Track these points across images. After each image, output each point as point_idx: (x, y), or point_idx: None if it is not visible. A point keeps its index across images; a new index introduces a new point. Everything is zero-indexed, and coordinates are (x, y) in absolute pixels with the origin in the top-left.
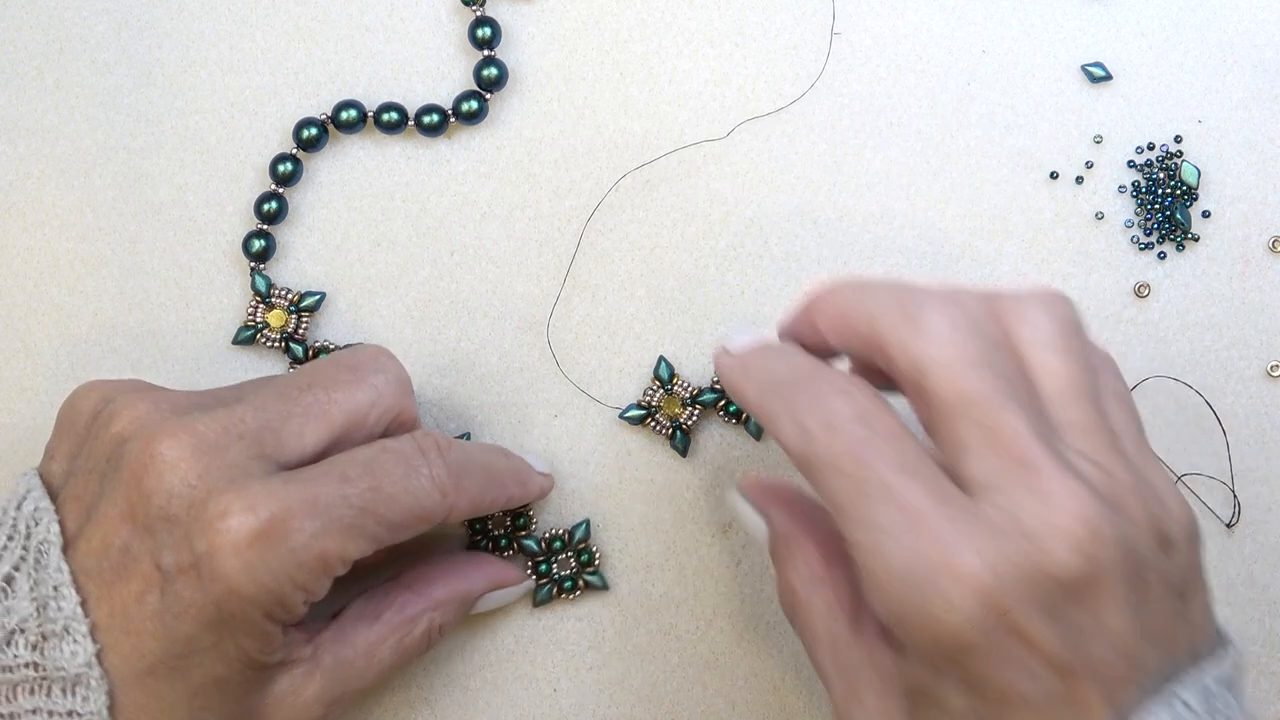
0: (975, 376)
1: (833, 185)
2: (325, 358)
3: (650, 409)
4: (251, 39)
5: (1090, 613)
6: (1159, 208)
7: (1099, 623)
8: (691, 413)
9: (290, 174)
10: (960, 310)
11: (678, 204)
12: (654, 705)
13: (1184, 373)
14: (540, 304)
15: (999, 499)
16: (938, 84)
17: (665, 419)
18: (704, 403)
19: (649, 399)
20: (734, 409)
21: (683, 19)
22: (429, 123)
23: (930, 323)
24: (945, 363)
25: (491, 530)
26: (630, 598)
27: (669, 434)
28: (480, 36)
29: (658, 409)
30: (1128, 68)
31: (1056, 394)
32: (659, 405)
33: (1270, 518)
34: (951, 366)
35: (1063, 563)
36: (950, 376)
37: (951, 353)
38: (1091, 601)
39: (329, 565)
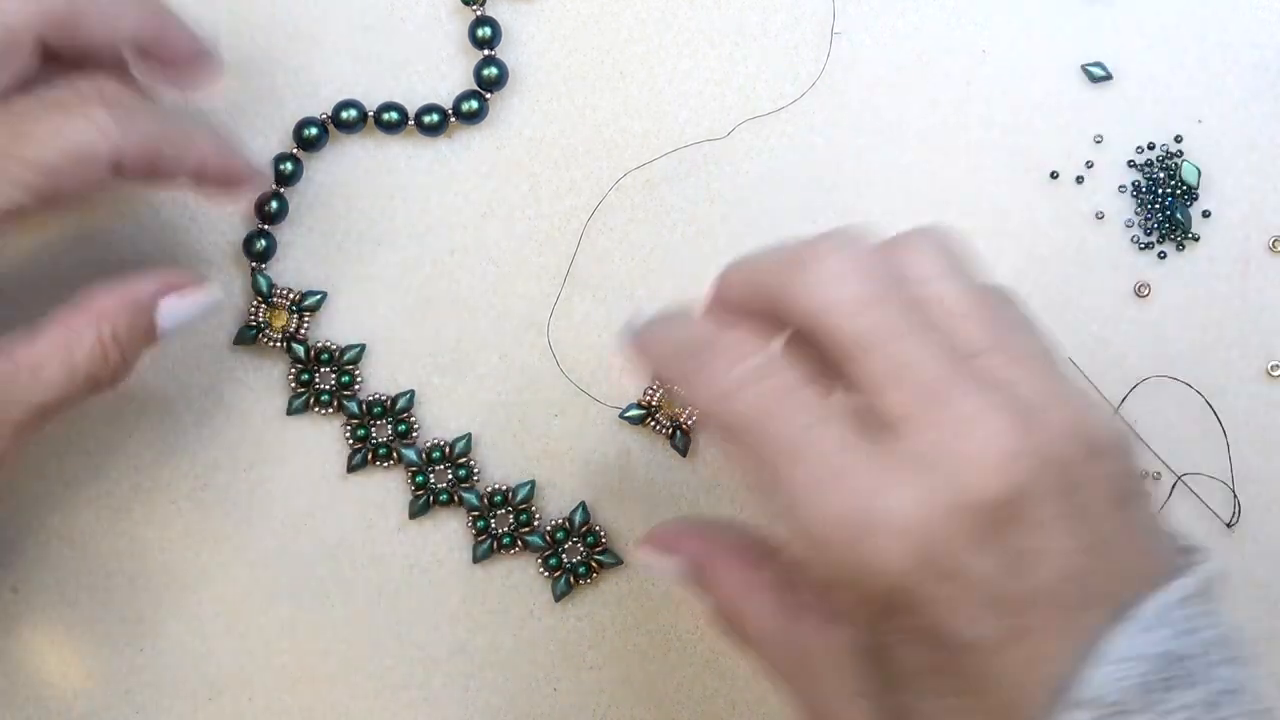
0: (872, 312)
1: (833, 185)
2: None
3: (650, 409)
4: (251, 39)
5: (1026, 537)
6: (1159, 207)
7: (1037, 546)
8: (692, 412)
9: (291, 174)
10: (849, 251)
11: (678, 204)
12: (654, 705)
13: (1184, 373)
14: (540, 304)
15: (913, 433)
16: (938, 84)
17: (665, 419)
18: None
19: (649, 399)
20: None
21: (683, 19)
22: (429, 122)
23: (821, 267)
24: (841, 303)
25: (495, 529)
26: (630, 598)
27: (669, 434)
28: (480, 36)
29: (658, 409)
30: (1128, 68)
31: (957, 319)
32: (659, 405)
33: (1270, 518)
34: (847, 305)
35: (986, 488)
36: (848, 315)
37: (845, 292)
38: (1024, 524)
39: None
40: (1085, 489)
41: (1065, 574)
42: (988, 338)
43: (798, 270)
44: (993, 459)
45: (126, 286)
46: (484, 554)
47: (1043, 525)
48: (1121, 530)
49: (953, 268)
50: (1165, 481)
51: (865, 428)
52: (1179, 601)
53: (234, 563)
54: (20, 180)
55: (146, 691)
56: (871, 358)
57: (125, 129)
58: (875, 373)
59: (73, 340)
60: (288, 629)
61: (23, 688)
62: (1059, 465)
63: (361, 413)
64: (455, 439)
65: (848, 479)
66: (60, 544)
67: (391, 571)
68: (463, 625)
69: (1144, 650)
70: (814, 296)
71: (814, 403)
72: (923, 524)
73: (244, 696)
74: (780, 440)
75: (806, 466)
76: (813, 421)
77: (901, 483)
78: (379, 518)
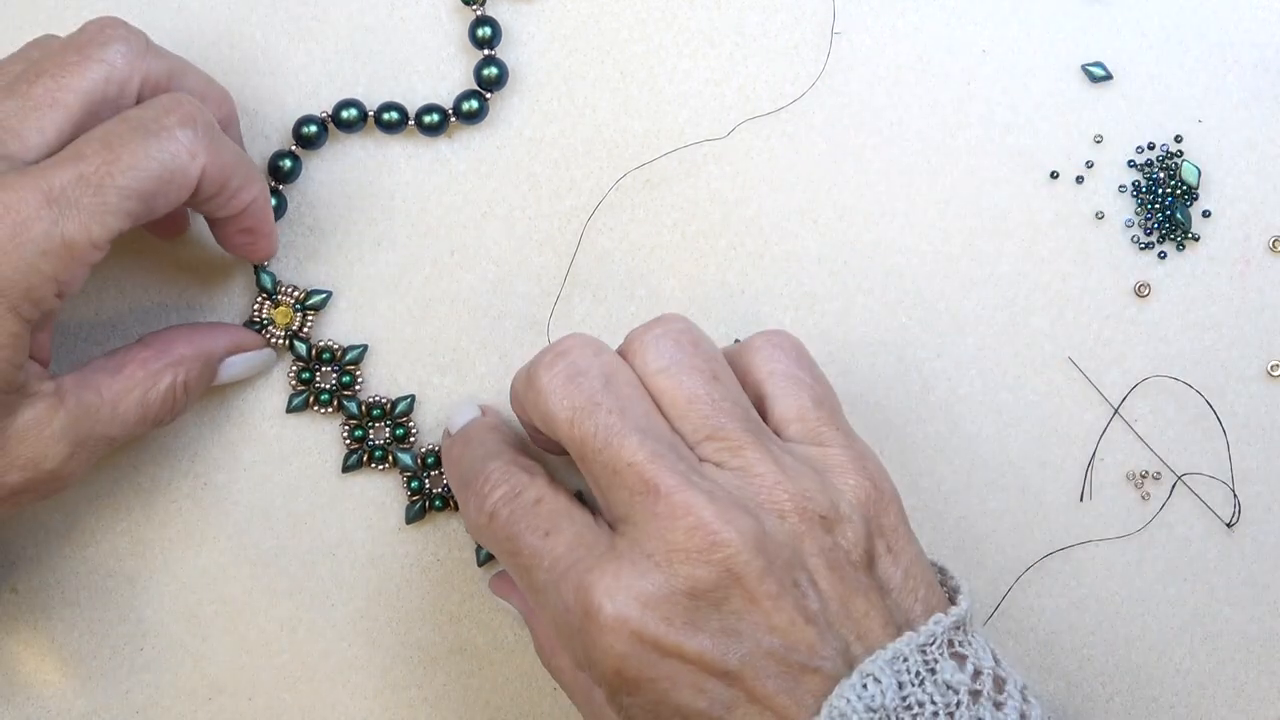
0: (586, 421)
1: (833, 185)
2: (50, 39)
3: None
4: (251, 39)
5: (739, 615)
6: (1159, 207)
7: (753, 623)
8: None
9: (289, 171)
10: (565, 362)
11: (678, 204)
12: None
13: (1184, 373)
14: (540, 304)
15: (631, 530)
16: (938, 84)
17: None
18: None
19: None
20: None
21: (683, 19)
22: (429, 122)
23: (542, 381)
24: (559, 413)
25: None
26: None
27: None
28: (480, 36)
29: None
30: (1128, 68)
31: (682, 410)
32: None
33: (1270, 518)
34: (562, 415)
35: (688, 576)
36: (565, 424)
37: (562, 402)
38: (736, 605)
39: (77, 251)
40: (808, 562)
41: (783, 645)
42: (708, 426)
43: (528, 388)
44: (695, 549)
45: (204, 338)
46: (487, 556)
47: (754, 603)
48: (858, 592)
49: (676, 360)
50: (1165, 481)
51: (604, 531)
52: (913, 650)
53: (234, 563)
54: (121, 209)
55: (146, 691)
56: (591, 462)
57: (210, 150)
58: (597, 476)
59: (150, 383)
60: (288, 629)
61: (23, 688)
62: (768, 546)
63: (360, 414)
64: None
65: (571, 575)
66: (60, 544)
67: (391, 571)
68: (463, 625)
69: (864, 704)
70: (541, 410)
71: (553, 514)
72: (631, 613)
73: (244, 696)
74: (524, 552)
75: (541, 570)
76: (550, 529)
77: (615, 575)
78: (379, 518)
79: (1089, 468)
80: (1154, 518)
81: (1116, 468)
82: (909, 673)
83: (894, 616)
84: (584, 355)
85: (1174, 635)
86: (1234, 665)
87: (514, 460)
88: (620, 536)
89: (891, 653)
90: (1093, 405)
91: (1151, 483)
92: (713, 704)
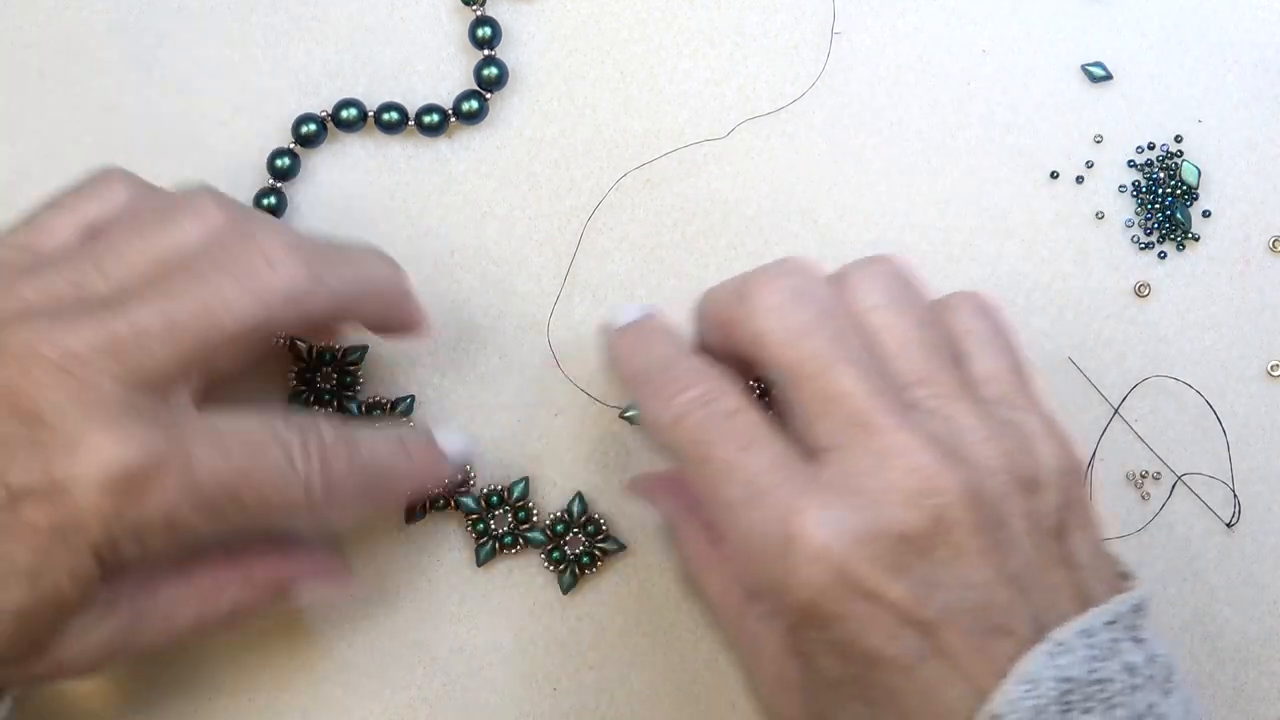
0: (805, 343)
1: (833, 185)
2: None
3: None
4: (251, 39)
5: (944, 566)
6: (1159, 207)
7: (956, 575)
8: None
9: (288, 169)
10: (788, 283)
11: (678, 204)
12: (654, 705)
13: (1184, 373)
14: (540, 304)
15: (839, 461)
16: (938, 84)
17: None
18: None
19: None
20: None
21: (683, 19)
22: (429, 122)
23: (760, 299)
24: (773, 333)
25: (495, 530)
26: (630, 597)
27: None
28: (480, 36)
29: None
30: (1128, 68)
31: (894, 351)
32: None
33: (1270, 518)
34: (779, 335)
35: (901, 519)
36: (780, 345)
37: (781, 323)
38: (943, 555)
39: (175, 533)
40: (1011, 523)
41: (981, 602)
42: (924, 370)
43: (741, 302)
44: (912, 492)
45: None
46: (487, 556)
47: (960, 556)
48: (1051, 561)
49: (898, 298)
50: (1165, 481)
51: (799, 454)
52: (1102, 626)
53: None
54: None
55: (146, 691)
56: (802, 387)
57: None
58: (806, 402)
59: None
60: (288, 629)
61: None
62: (981, 500)
63: (360, 414)
64: None
65: (772, 498)
66: None
67: (391, 571)
68: (462, 625)
69: (1054, 673)
70: (754, 327)
71: (751, 427)
72: (839, 547)
73: (244, 697)
74: (716, 461)
75: (737, 485)
76: (748, 444)
77: (823, 506)
78: (379, 518)
79: (1089, 467)
80: (1154, 518)
81: (1116, 467)
82: (1097, 648)
83: (1081, 591)
84: (805, 278)
85: (1174, 635)
86: (1234, 665)
87: (708, 363)
88: (825, 466)
89: (1082, 625)
90: (1093, 405)
91: (1151, 483)
92: (903, 652)
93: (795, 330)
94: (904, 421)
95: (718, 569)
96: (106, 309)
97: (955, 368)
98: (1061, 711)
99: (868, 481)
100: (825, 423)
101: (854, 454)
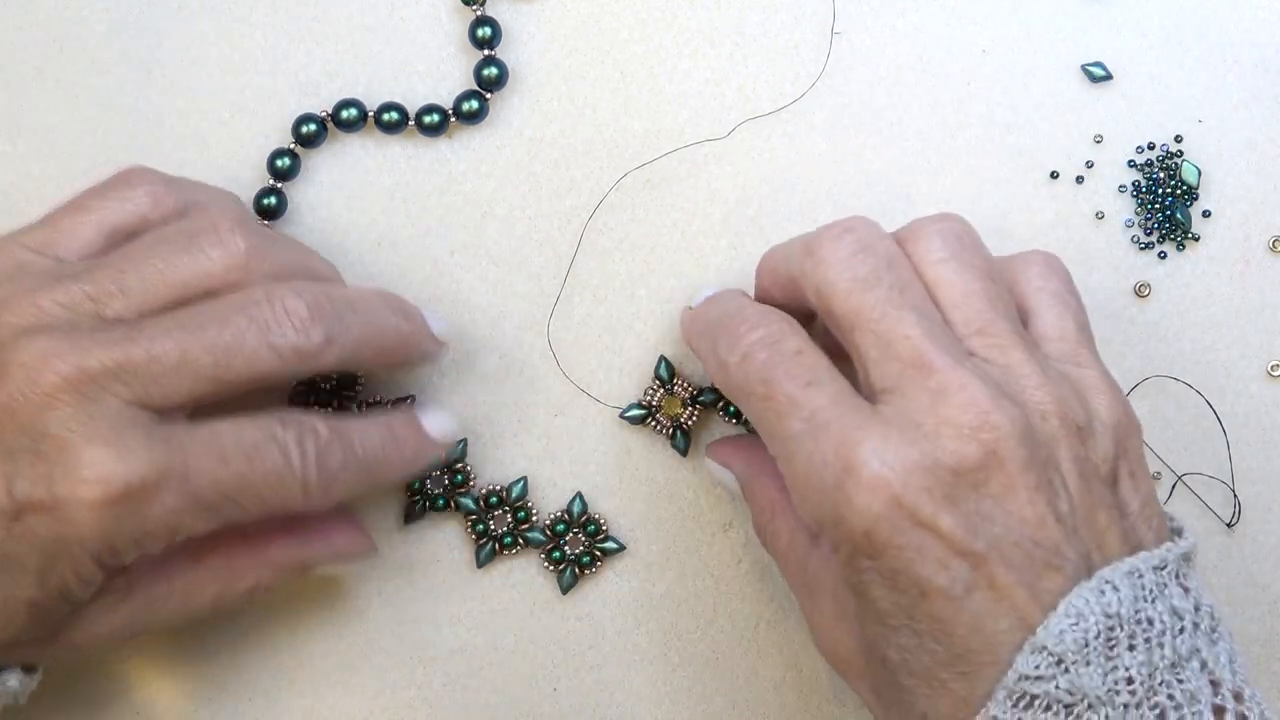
0: (868, 292)
1: (833, 185)
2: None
3: (651, 409)
4: (251, 39)
5: (995, 501)
6: (1159, 207)
7: (1006, 510)
8: (692, 412)
9: (288, 169)
10: (853, 237)
11: (678, 204)
12: (654, 705)
13: (1184, 373)
14: (540, 304)
15: (898, 400)
16: (938, 84)
17: (665, 419)
18: (704, 402)
19: (650, 398)
20: (733, 409)
21: (683, 19)
22: (429, 122)
23: (826, 251)
24: (841, 282)
25: (494, 530)
26: (630, 597)
27: (669, 434)
28: (480, 36)
29: (658, 409)
30: (1128, 68)
31: (955, 302)
32: (660, 405)
33: (1270, 518)
34: (845, 284)
35: (955, 452)
36: (847, 293)
37: (845, 273)
38: (994, 489)
39: (175, 535)
40: (1061, 465)
41: (1030, 538)
42: (983, 320)
43: (808, 255)
44: (966, 427)
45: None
46: (487, 557)
47: (1010, 492)
48: (1101, 506)
49: (960, 253)
50: (1165, 481)
51: (858, 395)
52: (1149, 569)
53: None
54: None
55: (147, 691)
56: (864, 333)
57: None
58: (867, 346)
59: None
60: (288, 629)
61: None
62: (1033, 440)
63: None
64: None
65: (831, 431)
66: None
67: (391, 571)
68: (462, 625)
69: (1100, 608)
70: (817, 278)
71: (813, 367)
72: (895, 478)
73: (244, 696)
74: (780, 397)
75: (798, 419)
76: (810, 382)
77: (881, 438)
78: (379, 518)
79: None
80: None
81: None
82: (1144, 589)
83: (1130, 537)
84: (869, 234)
85: None
86: None
87: (774, 308)
88: (885, 405)
89: (1129, 566)
90: None
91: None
92: (953, 582)
93: (860, 280)
94: (959, 363)
95: (785, 517)
96: (124, 333)
97: (1016, 321)
98: (1107, 646)
99: (924, 417)
100: (885, 366)
101: (912, 393)
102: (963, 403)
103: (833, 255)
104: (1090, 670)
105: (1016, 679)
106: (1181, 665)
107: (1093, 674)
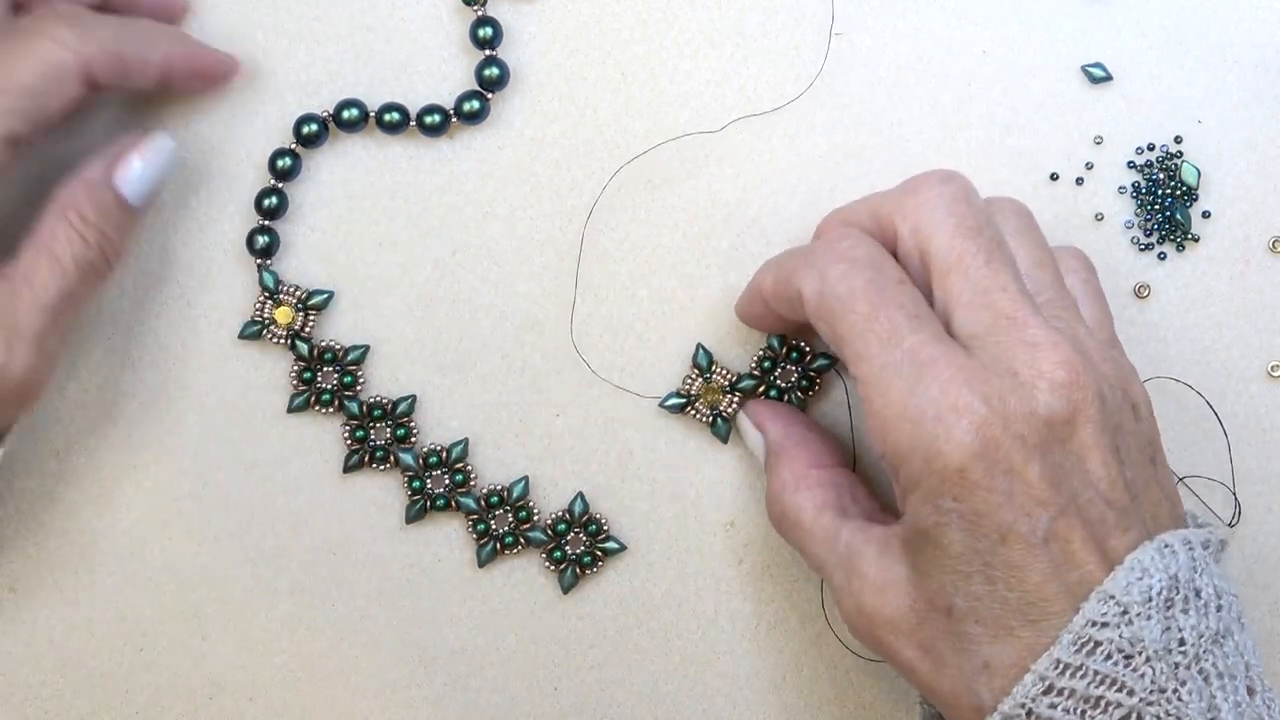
0: (966, 240)
1: (834, 185)
2: None
3: (690, 397)
4: (251, 39)
5: (1076, 458)
6: (1159, 208)
7: (1085, 468)
8: (731, 400)
9: (289, 169)
10: (957, 184)
11: (679, 204)
12: (654, 705)
13: (1184, 373)
14: (541, 303)
15: (991, 348)
16: (938, 84)
17: (705, 406)
18: (743, 389)
19: (688, 387)
20: (775, 393)
21: (683, 19)
22: (430, 123)
23: (931, 194)
24: (941, 225)
25: (495, 530)
26: (630, 597)
27: (710, 421)
28: (481, 36)
29: (697, 397)
30: (1128, 68)
31: (1028, 270)
32: (698, 393)
33: (1270, 518)
34: (946, 228)
35: (1049, 405)
36: (946, 237)
37: (950, 216)
38: (1076, 446)
39: None
40: (1125, 435)
41: (1103, 496)
42: (1050, 291)
43: (910, 195)
44: (1059, 381)
45: (79, 172)
46: (488, 557)
47: (1089, 451)
48: (1151, 481)
49: (1030, 229)
50: None
51: (947, 334)
52: (1198, 544)
53: (234, 562)
54: (11, 108)
55: (146, 691)
56: (959, 279)
57: (85, 39)
58: (961, 291)
59: (48, 238)
60: (288, 629)
61: (22, 688)
62: (1108, 406)
63: (361, 414)
64: (452, 444)
65: (941, 367)
66: (60, 544)
67: (392, 571)
68: (463, 625)
69: (1163, 568)
70: (919, 217)
71: (918, 300)
72: (995, 420)
73: (244, 696)
74: (885, 319)
75: (902, 347)
76: (916, 314)
77: (984, 381)
78: (380, 518)
79: None
80: None
81: None
82: (1194, 560)
83: (1175, 513)
84: (969, 186)
85: None
86: None
87: (870, 237)
88: (978, 350)
89: (1185, 536)
90: None
91: None
92: (1032, 530)
93: (966, 227)
94: (1044, 322)
95: (816, 490)
96: None
97: (1074, 299)
98: (1165, 605)
99: (1020, 367)
100: (977, 313)
101: (1007, 343)
102: (1058, 360)
103: (938, 198)
104: (1151, 625)
105: (1084, 623)
106: (1221, 640)
107: (1153, 628)
